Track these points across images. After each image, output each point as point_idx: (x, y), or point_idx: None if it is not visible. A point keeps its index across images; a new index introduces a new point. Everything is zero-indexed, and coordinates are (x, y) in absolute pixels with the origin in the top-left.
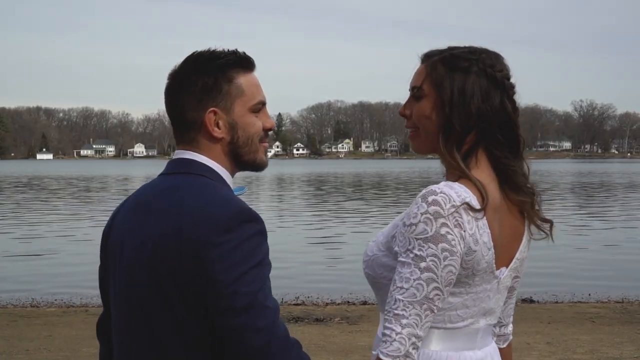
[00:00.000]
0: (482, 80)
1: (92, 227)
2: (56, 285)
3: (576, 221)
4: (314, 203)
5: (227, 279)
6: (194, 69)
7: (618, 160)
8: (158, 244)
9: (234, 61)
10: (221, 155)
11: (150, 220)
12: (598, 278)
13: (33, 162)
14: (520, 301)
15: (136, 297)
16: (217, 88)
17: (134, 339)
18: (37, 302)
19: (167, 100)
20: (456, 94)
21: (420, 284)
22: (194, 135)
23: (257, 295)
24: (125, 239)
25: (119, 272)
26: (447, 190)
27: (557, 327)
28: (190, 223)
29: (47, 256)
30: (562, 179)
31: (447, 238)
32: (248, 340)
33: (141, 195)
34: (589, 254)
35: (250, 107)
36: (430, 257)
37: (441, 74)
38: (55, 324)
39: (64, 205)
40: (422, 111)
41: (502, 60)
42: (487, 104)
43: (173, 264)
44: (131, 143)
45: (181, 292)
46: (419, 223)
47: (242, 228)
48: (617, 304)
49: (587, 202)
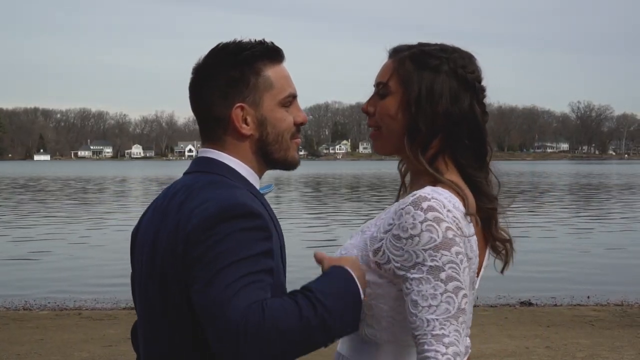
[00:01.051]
0: (452, 80)
1: (88, 229)
2: (50, 287)
3: (575, 223)
4: (312, 205)
5: (205, 275)
6: (218, 62)
7: (616, 162)
8: (160, 244)
9: (261, 52)
10: (248, 153)
11: (160, 220)
12: (597, 281)
13: (30, 163)
14: (519, 304)
15: (145, 297)
16: (244, 81)
17: (144, 339)
18: (30, 304)
19: (192, 96)
20: (424, 93)
21: (450, 296)
22: (221, 133)
23: (227, 291)
24: (142, 239)
25: (137, 272)
26: (437, 195)
27: (556, 330)
28: (184, 221)
29: (42, 258)
30: (561, 180)
31: (456, 241)
32: (216, 334)
33: (161, 195)
34: (588, 257)
35: (280, 101)
36: (449, 265)
37: (409, 71)
38: (47, 328)
39: (60, 207)
40: (386, 109)
41: (474, 61)
42: (456, 106)
43: (170, 261)
44: (129, 144)
45: (178, 290)
46: (422, 233)
47: (227, 224)
48: (617, 307)
49: (586, 204)
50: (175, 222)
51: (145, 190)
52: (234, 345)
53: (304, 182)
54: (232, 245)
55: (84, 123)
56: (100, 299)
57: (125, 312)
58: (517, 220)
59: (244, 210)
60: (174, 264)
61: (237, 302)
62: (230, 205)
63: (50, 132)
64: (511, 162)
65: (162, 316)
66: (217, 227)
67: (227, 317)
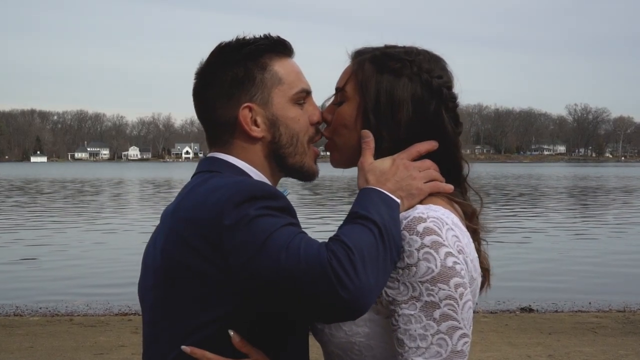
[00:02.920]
0: (414, 85)
1: (83, 232)
2: (42, 292)
3: (574, 227)
4: (311, 207)
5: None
6: (220, 61)
7: (612, 164)
8: (157, 247)
9: (266, 45)
10: (260, 158)
11: (162, 220)
12: (598, 286)
13: (27, 164)
14: (519, 310)
15: (147, 298)
16: (250, 78)
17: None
18: (22, 310)
19: (195, 101)
20: (383, 99)
21: (442, 338)
22: (228, 138)
23: (285, 250)
24: (147, 245)
25: (140, 276)
26: (432, 213)
27: (558, 338)
28: (191, 212)
29: (35, 262)
30: (559, 183)
31: (456, 270)
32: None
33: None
34: (588, 261)
35: (291, 97)
36: (445, 301)
37: (367, 75)
38: (38, 334)
39: (55, 210)
40: (341, 119)
41: (443, 65)
42: (419, 115)
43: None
44: (125, 146)
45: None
46: (419, 262)
47: (249, 205)
48: (619, 314)
49: (585, 207)
50: (167, 227)
51: (142, 193)
52: (334, 288)
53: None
54: (260, 227)
55: (80, 125)
56: (92, 305)
57: (118, 318)
58: (514, 225)
59: (265, 192)
60: (189, 258)
61: (308, 248)
62: (248, 187)
63: (47, 133)
64: (508, 164)
65: (162, 318)
66: (237, 211)
67: (310, 261)
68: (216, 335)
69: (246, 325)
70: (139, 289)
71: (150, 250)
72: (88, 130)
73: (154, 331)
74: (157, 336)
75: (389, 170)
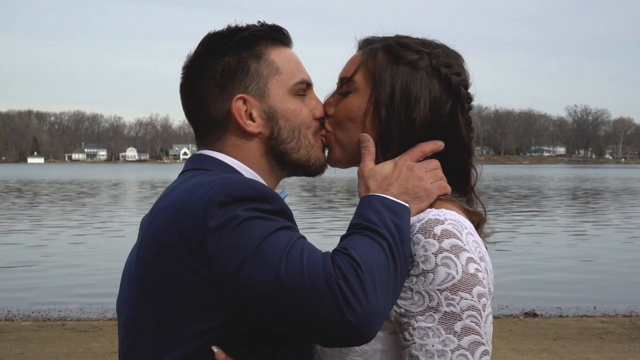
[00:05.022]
0: (432, 81)
1: (77, 235)
2: (35, 296)
3: (578, 229)
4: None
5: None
6: (210, 50)
7: (613, 166)
8: (133, 255)
9: (261, 32)
10: (255, 156)
11: (139, 230)
12: (603, 290)
13: (24, 166)
14: (523, 315)
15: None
16: (243, 68)
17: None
18: (13, 314)
19: (183, 96)
20: (398, 92)
21: (463, 355)
22: (220, 134)
23: (285, 257)
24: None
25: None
26: (450, 215)
27: (564, 344)
28: (171, 214)
29: (28, 266)
30: (562, 185)
31: (478, 278)
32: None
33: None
34: (592, 265)
35: (290, 89)
36: (468, 312)
37: (381, 65)
38: (29, 340)
39: (50, 212)
40: (348, 110)
41: (461, 62)
42: (434, 114)
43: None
44: (123, 147)
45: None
46: (437, 268)
47: (237, 206)
48: (625, 318)
49: (590, 210)
50: (154, 217)
51: (139, 195)
52: (341, 312)
53: (301, 185)
54: (251, 231)
55: (78, 126)
56: (86, 309)
57: (112, 322)
58: (516, 227)
59: (257, 191)
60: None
61: (311, 260)
62: (237, 185)
63: (44, 134)
64: (508, 165)
65: (138, 333)
66: (223, 211)
67: (314, 277)
68: (200, 353)
69: (235, 341)
70: (117, 304)
71: (127, 262)
72: (85, 131)
73: (129, 350)
74: (133, 355)
75: (391, 173)
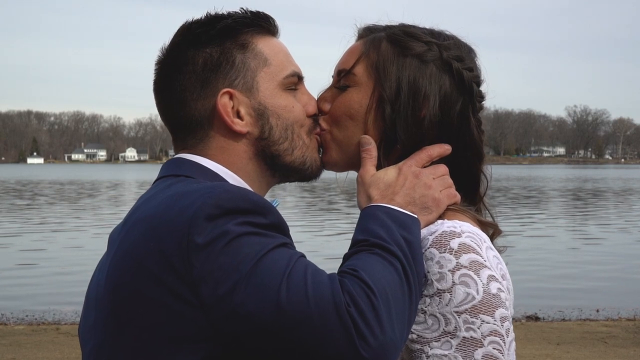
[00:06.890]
0: (443, 76)
1: (72, 238)
2: (29, 300)
3: (581, 232)
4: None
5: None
6: (188, 41)
7: (612, 166)
8: (102, 275)
9: (245, 20)
10: (242, 160)
11: (108, 246)
12: (605, 293)
13: (23, 166)
14: (525, 318)
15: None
16: (228, 60)
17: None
18: (7, 318)
19: (157, 94)
20: (405, 88)
21: None
22: (202, 136)
23: (286, 278)
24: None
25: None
26: (466, 227)
27: (567, 349)
28: (148, 229)
29: (23, 268)
30: (562, 185)
31: (501, 299)
32: None
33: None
34: (595, 267)
35: (281, 82)
36: (490, 338)
37: (386, 56)
38: (22, 345)
39: (48, 214)
40: (347, 107)
41: (473, 57)
42: (444, 112)
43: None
44: (123, 147)
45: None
46: (455, 287)
47: (226, 219)
48: (629, 322)
49: (592, 211)
50: (127, 231)
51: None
52: (353, 345)
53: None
54: (245, 250)
55: (77, 126)
56: (80, 312)
57: None
58: (518, 229)
59: (249, 202)
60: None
61: (317, 284)
62: (226, 195)
63: (44, 135)
64: (507, 166)
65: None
66: (211, 226)
67: (321, 303)
68: None
69: None
70: (79, 329)
71: (94, 281)
72: (85, 132)
73: None
74: None
75: (395, 181)
